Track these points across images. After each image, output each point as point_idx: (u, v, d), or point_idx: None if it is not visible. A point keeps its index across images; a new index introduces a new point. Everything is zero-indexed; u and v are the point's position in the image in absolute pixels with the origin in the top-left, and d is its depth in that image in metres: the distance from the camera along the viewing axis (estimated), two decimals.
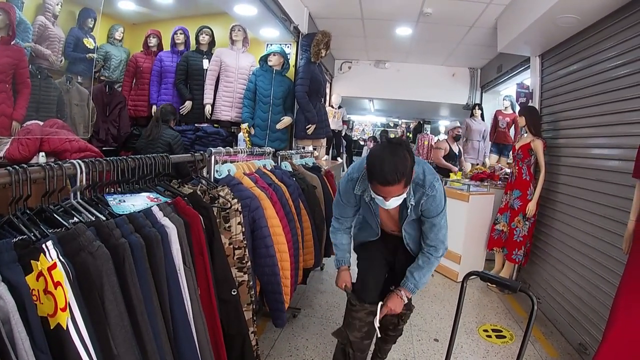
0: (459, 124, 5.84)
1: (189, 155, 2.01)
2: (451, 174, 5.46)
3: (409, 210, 1.94)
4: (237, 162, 2.37)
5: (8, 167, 1.06)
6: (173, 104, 4.32)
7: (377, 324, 2.02)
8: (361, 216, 2.22)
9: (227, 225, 1.80)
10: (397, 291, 2.05)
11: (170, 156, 1.74)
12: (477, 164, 6.17)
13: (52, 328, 0.86)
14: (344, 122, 7.78)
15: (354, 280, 2.18)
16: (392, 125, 14.01)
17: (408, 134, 11.03)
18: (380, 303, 2.03)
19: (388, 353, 2.49)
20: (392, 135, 11.08)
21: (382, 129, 11.02)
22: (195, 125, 4.33)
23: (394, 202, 1.80)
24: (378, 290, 2.12)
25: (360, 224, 2.25)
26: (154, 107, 4.39)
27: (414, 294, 2.08)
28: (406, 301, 2.08)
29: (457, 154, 5.80)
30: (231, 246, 1.81)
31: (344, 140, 8.55)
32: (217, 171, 2.09)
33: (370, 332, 2.10)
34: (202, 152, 2.07)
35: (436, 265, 2.08)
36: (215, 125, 4.40)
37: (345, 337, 2.09)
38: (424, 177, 1.89)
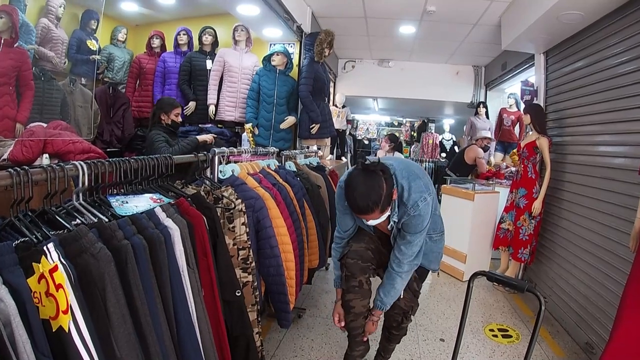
0: (490, 135, 5.72)
1: (192, 155, 2.01)
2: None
3: (390, 226, 1.94)
4: (241, 162, 2.36)
5: (9, 169, 1.05)
6: None
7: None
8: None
9: (231, 225, 1.79)
10: (371, 316, 2.14)
11: (174, 157, 1.73)
12: None
13: (54, 331, 0.85)
14: (348, 121, 7.77)
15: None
16: (396, 124, 13.97)
17: (412, 132, 10.99)
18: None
19: (392, 353, 2.47)
20: (397, 134, 11.06)
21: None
22: (199, 125, 4.32)
23: (374, 222, 1.81)
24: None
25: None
26: None
27: (384, 310, 2.10)
28: (377, 320, 2.17)
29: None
30: (235, 247, 1.81)
31: (348, 140, 8.52)
32: (221, 171, 2.08)
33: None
34: (205, 152, 2.07)
35: (400, 282, 2.01)
36: (219, 125, 4.39)
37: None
38: (409, 196, 1.83)
